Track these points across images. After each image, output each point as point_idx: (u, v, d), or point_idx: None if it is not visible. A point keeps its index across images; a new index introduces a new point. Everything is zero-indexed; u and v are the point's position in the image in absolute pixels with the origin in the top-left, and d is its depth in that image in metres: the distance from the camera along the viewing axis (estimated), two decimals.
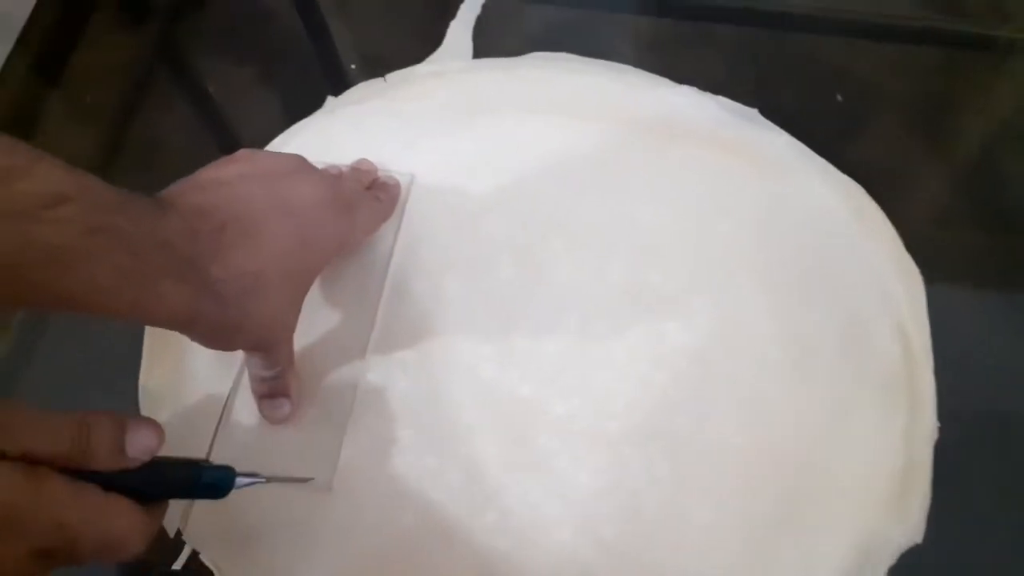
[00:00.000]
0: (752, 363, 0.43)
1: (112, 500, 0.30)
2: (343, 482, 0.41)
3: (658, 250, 0.45)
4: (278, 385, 0.41)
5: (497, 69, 0.52)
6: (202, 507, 0.40)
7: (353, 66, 0.54)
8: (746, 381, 0.42)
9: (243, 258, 0.35)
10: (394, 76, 0.53)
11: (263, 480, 0.37)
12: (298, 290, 0.38)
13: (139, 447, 0.30)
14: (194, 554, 0.40)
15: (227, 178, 0.36)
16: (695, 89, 0.51)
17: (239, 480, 0.35)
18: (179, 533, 0.40)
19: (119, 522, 0.29)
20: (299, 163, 0.40)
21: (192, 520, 0.40)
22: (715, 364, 0.42)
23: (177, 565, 0.40)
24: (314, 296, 0.44)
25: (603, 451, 0.41)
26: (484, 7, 0.55)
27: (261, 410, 0.41)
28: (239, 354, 0.43)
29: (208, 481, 0.34)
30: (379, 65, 0.53)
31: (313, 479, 0.40)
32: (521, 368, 0.43)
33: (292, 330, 0.39)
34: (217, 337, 0.36)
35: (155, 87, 0.56)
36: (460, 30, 0.55)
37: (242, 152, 0.39)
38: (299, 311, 0.39)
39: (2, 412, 0.27)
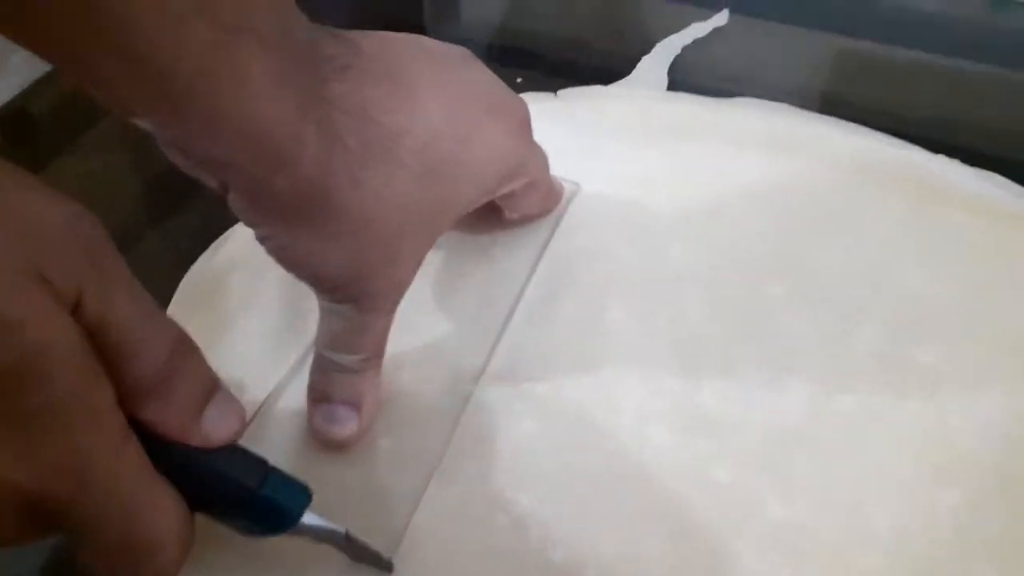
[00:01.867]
0: None
1: (161, 482, 0.20)
2: (409, 557, 0.25)
3: (932, 322, 0.30)
4: (352, 385, 0.26)
5: (697, 102, 0.41)
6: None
7: (519, 80, 0.44)
8: None
9: (379, 99, 0.23)
10: (567, 92, 0.43)
11: (341, 534, 0.23)
12: (434, 214, 0.25)
13: (218, 427, 0.21)
14: None
15: (378, 33, 0.25)
16: (957, 161, 0.38)
17: (307, 518, 0.22)
18: None
19: (162, 517, 0.19)
20: (471, 55, 0.28)
21: None
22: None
23: None
24: (420, 296, 0.31)
25: None
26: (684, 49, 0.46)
27: (313, 423, 0.27)
28: (296, 347, 0.29)
29: (272, 496, 0.21)
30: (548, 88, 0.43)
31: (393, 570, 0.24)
32: (715, 440, 0.27)
33: (403, 287, 0.26)
34: (297, 222, 0.22)
35: None
36: (653, 65, 0.45)
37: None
38: (420, 263, 0.26)
39: (113, 266, 0.18)
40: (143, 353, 0.19)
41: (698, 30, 0.47)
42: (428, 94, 0.24)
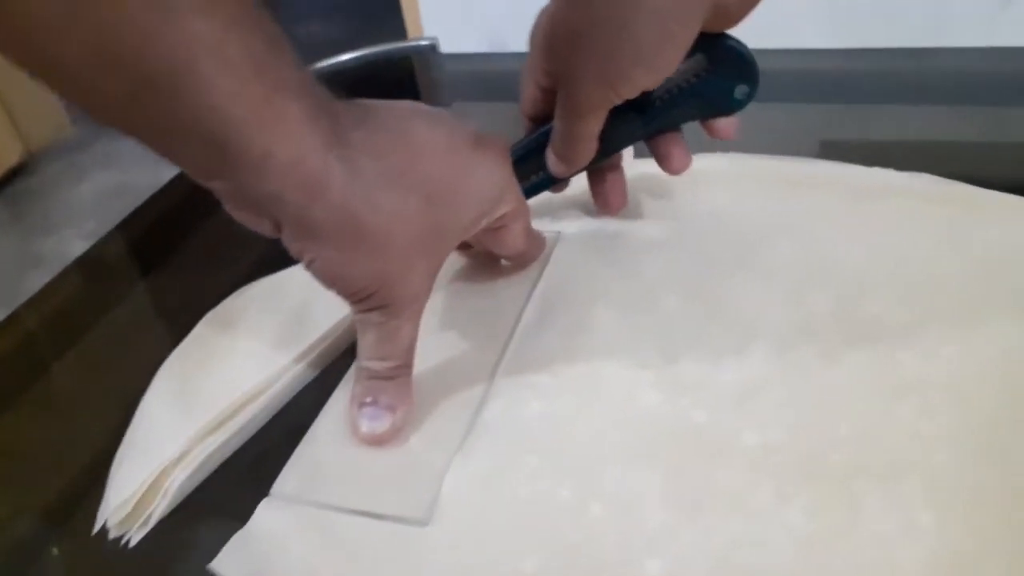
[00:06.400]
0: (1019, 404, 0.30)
1: None
2: (445, 515, 0.29)
3: (873, 285, 0.35)
4: (387, 389, 0.31)
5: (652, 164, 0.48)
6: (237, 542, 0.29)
7: None
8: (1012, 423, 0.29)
9: (388, 143, 0.29)
10: None
11: None
12: (441, 233, 0.31)
13: None
14: None
15: (382, 101, 0.31)
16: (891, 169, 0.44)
17: None
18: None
19: None
20: (451, 113, 0.34)
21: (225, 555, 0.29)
22: (973, 401, 0.30)
23: None
24: (435, 320, 0.37)
25: (825, 486, 0.28)
26: None
27: (356, 422, 0.32)
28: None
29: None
30: None
31: None
32: (692, 395, 0.32)
33: (422, 298, 0.31)
34: (334, 242, 0.28)
35: None
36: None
37: None
38: (434, 278, 0.32)
39: None
40: None
41: None
42: (425, 139, 0.30)
